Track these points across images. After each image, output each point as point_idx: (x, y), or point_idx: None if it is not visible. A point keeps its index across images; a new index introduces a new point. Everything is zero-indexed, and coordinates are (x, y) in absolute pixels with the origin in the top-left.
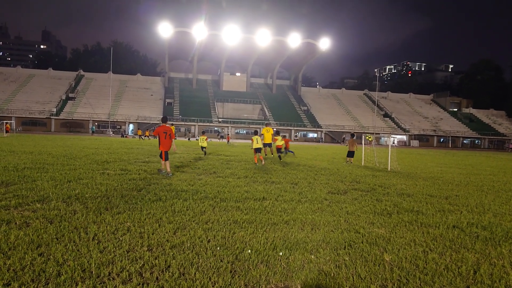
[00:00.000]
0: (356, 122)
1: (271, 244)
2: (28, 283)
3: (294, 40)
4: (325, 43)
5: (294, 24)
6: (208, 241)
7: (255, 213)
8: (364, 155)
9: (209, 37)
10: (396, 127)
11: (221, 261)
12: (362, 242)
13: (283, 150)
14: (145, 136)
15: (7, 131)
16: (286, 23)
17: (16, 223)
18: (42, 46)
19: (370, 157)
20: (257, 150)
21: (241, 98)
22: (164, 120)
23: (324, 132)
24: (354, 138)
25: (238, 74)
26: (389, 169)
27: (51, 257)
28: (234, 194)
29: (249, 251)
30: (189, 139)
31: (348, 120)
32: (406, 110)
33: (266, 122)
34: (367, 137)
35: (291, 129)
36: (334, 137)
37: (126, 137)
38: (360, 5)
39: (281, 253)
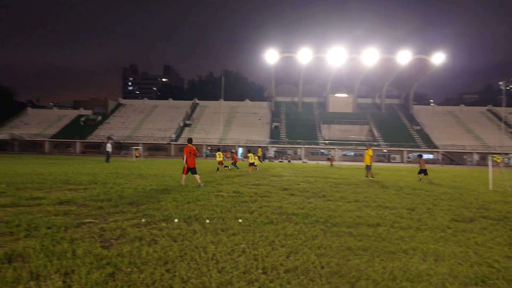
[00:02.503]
0: (479, 141)
1: (389, 274)
2: None
3: (404, 57)
4: (438, 58)
5: (403, 41)
6: (322, 267)
7: (370, 240)
8: (492, 179)
9: (313, 60)
10: None
11: None
12: (497, 279)
13: (227, 165)
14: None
15: (137, 156)
16: (394, 40)
17: (146, 240)
18: (163, 79)
19: (500, 180)
20: (220, 163)
21: (347, 119)
22: (189, 141)
23: (441, 153)
24: (423, 158)
25: (344, 95)
26: None
27: (177, 273)
28: (346, 218)
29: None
30: (289, 161)
31: (469, 139)
32: None
33: (367, 143)
34: (495, 158)
35: (402, 150)
36: (453, 158)
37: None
38: (480, 14)
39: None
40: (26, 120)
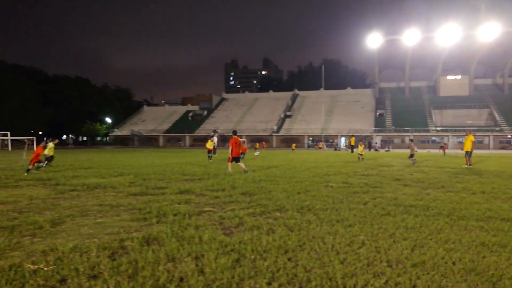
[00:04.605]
0: None
1: None
2: (285, 284)
3: None
4: None
5: None
6: (454, 263)
7: (507, 235)
8: None
9: (421, 41)
10: None
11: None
12: None
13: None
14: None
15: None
16: None
17: (264, 229)
18: (263, 72)
19: None
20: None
21: (462, 103)
22: (235, 133)
23: None
24: (413, 142)
25: (457, 76)
26: None
27: (299, 263)
28: (473, 211)
29: None
30: (376, 149)
31: None
32: None
33: (467, 129)
34: None
35: None
36: None
37: (339, 150)
38: None
39: None
40: (143, 117)
